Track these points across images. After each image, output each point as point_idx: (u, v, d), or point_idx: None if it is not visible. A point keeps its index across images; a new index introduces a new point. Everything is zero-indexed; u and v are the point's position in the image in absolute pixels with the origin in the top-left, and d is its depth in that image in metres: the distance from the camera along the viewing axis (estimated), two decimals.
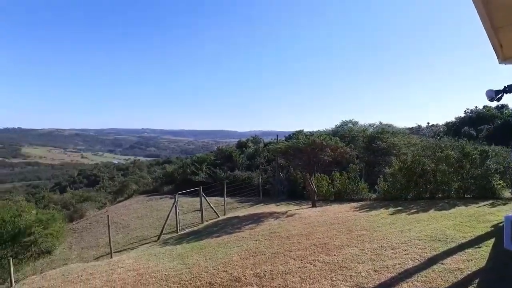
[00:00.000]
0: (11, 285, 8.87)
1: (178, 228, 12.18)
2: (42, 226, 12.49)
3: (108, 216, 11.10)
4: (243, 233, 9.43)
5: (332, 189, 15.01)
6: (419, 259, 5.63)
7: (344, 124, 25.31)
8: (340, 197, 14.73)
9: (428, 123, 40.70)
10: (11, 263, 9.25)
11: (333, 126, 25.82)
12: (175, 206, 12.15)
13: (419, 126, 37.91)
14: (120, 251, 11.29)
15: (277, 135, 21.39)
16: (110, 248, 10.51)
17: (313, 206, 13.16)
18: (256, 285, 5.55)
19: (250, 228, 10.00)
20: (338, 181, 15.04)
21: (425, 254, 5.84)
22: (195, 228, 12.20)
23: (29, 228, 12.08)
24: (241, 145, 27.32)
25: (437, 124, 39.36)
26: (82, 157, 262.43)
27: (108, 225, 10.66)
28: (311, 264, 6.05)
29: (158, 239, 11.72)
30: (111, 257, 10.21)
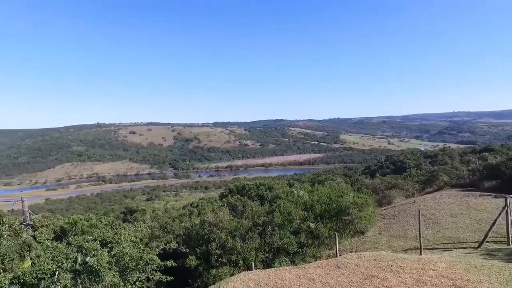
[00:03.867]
0: (336, 255, 10.58)
1: (510, 240, 9.66)
2: (358, 209, 14.05)
3: (419, 210, 10.60)
4: None
5: None
6: None
7: None
8: None
9: None
10: (337, 237, 11.10)
11: None
12: (506, 210, 9.66)
13: None
14: (430, 249, 10.59)
15: None
16: (420, 243, 10.07)
17: None
18: None
19: None
20: None
21: None
22: None
23: (347, 208, 13.97)
24: None
25: None
26: (389, 143, 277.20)
27: (419, 220, 10.16)
28: None
29: (479, 246, 9.89)
30: (420, 254, 9.77)
